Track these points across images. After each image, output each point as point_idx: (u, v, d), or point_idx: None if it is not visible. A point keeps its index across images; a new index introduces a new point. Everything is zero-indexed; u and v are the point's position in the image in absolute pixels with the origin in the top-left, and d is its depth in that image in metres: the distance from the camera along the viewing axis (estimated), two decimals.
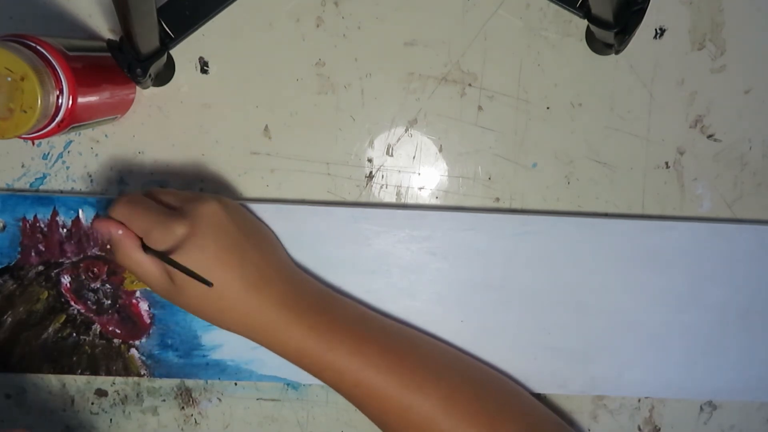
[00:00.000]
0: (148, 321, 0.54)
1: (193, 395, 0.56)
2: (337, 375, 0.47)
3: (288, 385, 0.56)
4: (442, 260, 0.53)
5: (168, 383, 0.56)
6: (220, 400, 0.56)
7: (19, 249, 0.53)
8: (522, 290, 0.54)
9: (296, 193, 0.54)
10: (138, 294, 0.53)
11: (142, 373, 0.54)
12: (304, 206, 0.53)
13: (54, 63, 0.41)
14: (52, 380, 0.56)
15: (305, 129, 0.53)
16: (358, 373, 0.46)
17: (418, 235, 0.53)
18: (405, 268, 0.53)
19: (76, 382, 0.56)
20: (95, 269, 0.53)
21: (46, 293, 0.53)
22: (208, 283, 0.42)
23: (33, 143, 0.53)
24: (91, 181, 0.54)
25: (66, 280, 0.53)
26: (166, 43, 0.49)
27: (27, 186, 0.54)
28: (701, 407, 0.57)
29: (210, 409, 0.56)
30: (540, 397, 0.56)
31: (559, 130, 0.53)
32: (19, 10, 0.51)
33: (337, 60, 0.52)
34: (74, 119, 0.43)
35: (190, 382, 0.56)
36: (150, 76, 0.48)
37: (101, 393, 0.56)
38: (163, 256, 0.43)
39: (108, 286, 0.53)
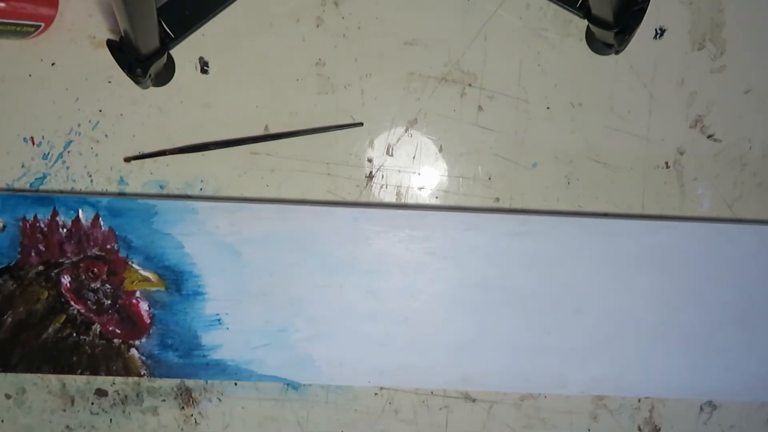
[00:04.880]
0: (148, 321, 0.54)
1: (193, 395, 0.56)
2: None
3: (288, 385, 0.56)
4: (442, 260, 0.53)
5: (168, 383, 0.56)
6: (220, 400, 0.56)
7: (19, 249, 0.53)
8: (522, 290, 0.54)
9: (296, 193, 0.54)
10: (138, 294, 0.53)
11: (142, 373, 0.54)
12: (304, 206, 0.53)
13: None
14: (52, 380, 0.56)
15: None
16: None
17: (418, 235, 0.53)
18: (405, 268, 0.53)
19: (76, 382, 0.56)
20: (95, 269, 0.53)
21: (46, 293, 0.53)
22: None
23: (33, 143, 0.53)
24: (91, 181, 0.54)
25: (66, 280, 0.53)
26: (166, 43, 0.49)
27: (27, 186, 0.54)
28: (701, 407, 0.57)
29: (210, 409, 0.56)
30: (540, 397, 0.56)
31: (559, 130, 0.53)
32: None
33: (337, 60, 0.52)
34: None
35: (190, 382, 0.56)
36: (150, 76, 0.48)
37: (101, 393, 0.56)
38: None
39: (108, 286, 0.53)
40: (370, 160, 0.54)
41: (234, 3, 0.51)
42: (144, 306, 0.53)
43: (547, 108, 0.53)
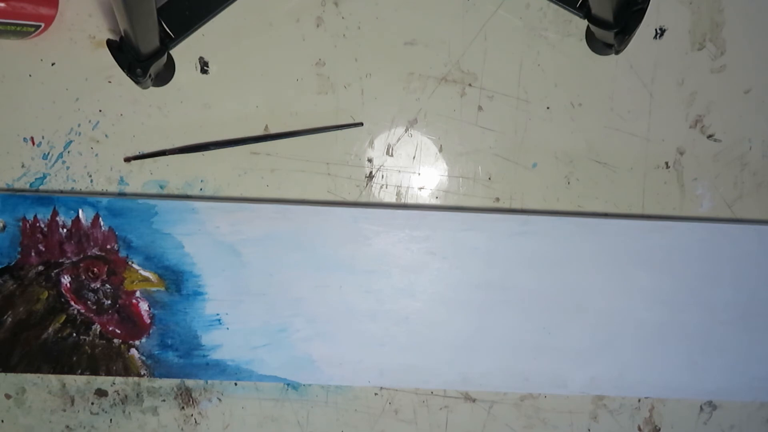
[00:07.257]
0: (148, 321, 0.54)
1: (193, 395, 0.56)
2: None
3: (288, 385, 0.56)
4: (442, 260, 0.53)
5: (168, 383, 0.56)
6: (220, 400, 0.56)
7: (19, 249, 0.53)
8: (522, 290, 0.54)
9: (296, 193, 0.54)
10: (138, 294, 0.53)
11: (142, 373, 0.54)
12: (304, 206, 0.53)
13: None
14: (52, 380, 0.56)
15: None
16: None
17: (418, 235, 0.53)
18: (405, 268, 0.53)
19: (76, 382, 0.56)
20: (95, 269, 0.53)
21: (46, 293, 0.53)
22: None
23: (33, 143, 0.53)
24: (91, 181, 0.54)
25: (66, 280, 0.53)
26: (166, 43, 0.49)
27: (27, 186, 0.54)
28: (701, 407, 0.57)
29: (210, 409, 0.56)
30: (540, 398, 0.56)
31: (559, 130, 0.53)
32: None
33: (337, 60, 0.52)
34: None
35: (190, 382, 0.56)
36: (150, 76, 0.48)
37: (101, 393, 0.56)
38: None
39: (108, 286, 0.53)
40: (370, 160, 0.54)
41: (234, 3, 0.51)
42: (144, 306, 0.53)
43: (547, 108, 0.53)
